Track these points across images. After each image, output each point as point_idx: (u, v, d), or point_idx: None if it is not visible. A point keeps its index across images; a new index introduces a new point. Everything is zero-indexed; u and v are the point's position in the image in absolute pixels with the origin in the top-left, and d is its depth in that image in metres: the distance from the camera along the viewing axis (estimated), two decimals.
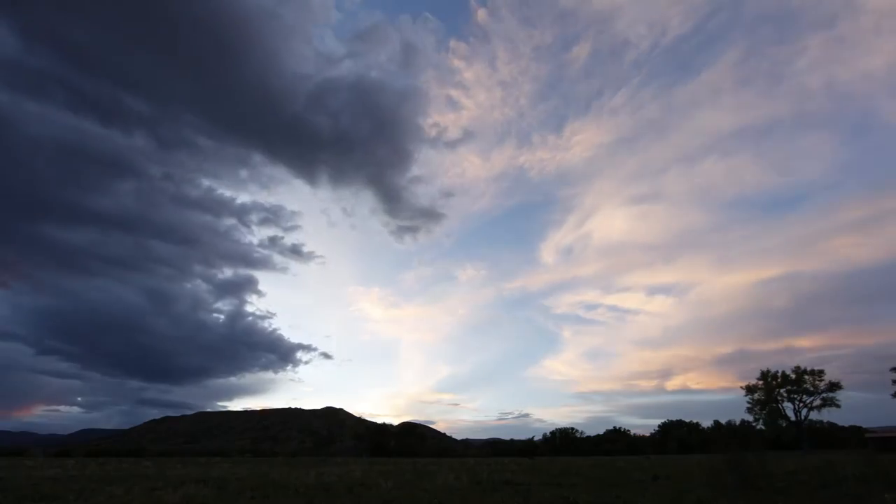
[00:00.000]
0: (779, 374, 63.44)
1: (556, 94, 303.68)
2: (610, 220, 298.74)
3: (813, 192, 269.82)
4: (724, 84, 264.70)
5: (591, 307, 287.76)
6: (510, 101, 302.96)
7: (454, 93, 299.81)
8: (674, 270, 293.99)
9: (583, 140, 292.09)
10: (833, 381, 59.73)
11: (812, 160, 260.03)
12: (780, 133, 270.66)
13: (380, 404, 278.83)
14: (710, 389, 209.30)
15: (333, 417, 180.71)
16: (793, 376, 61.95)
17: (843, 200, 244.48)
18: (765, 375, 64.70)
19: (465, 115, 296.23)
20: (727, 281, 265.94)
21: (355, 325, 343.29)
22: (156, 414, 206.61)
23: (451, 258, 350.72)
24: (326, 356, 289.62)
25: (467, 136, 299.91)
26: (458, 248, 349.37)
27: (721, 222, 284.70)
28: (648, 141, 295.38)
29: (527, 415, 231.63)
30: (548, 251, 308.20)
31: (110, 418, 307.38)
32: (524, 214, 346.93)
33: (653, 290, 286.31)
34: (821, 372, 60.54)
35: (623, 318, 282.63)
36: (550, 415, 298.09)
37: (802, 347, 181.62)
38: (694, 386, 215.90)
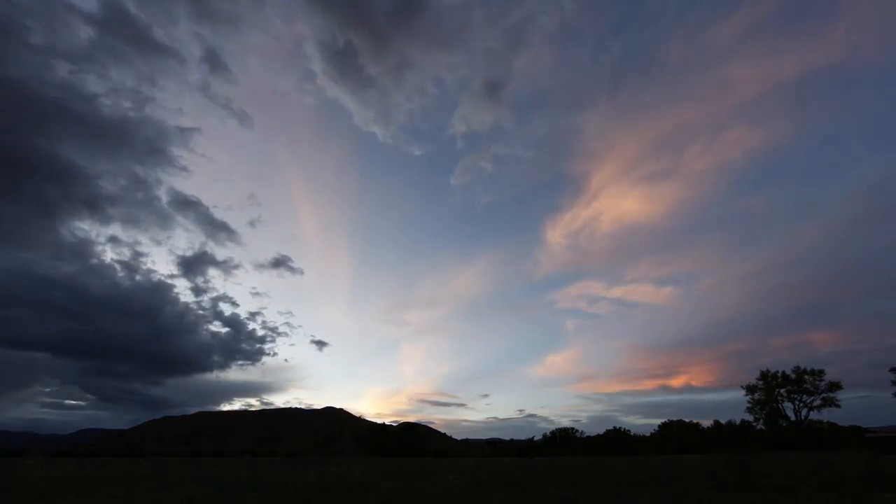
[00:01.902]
0: (779, 374, 63.43)
1: (618, 45, 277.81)
2: (623, 201, 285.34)
3: (852, 163, 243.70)
4: (763, 23, 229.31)
5: (597, 300, 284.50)
6: (565, 56, 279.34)
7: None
8: (685, 258, 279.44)
9: (624, 106, 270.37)
10: (833, 380, 59.75)
11: (857, 124, 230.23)
12: (822, 90, 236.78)
13: (380, 404, 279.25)
14: (712, 389, 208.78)
15: (333, 417, 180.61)
16: (793, 376, 61.94)
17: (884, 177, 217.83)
18: (765, 375, 64.69)
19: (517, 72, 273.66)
20: (741, 270, 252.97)
21: (356, 320, 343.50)
22: (155, 413, 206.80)
23: (465, 239, 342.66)
24: (321, 346, 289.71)
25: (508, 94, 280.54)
26: (475, 226, 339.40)
27: (743, 201, 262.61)
28: (682, 102, 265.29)
29: (527, 414, 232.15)
30: (555, 237, 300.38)
31: (111, 418, 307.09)
32: (547, 191, 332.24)
33: (662, 281, 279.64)
34: (821, 372, 60.52)
35: (628, 313, 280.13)
36: (551, 414, 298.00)
37: (817, 343, 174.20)
38: (697, 385, 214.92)
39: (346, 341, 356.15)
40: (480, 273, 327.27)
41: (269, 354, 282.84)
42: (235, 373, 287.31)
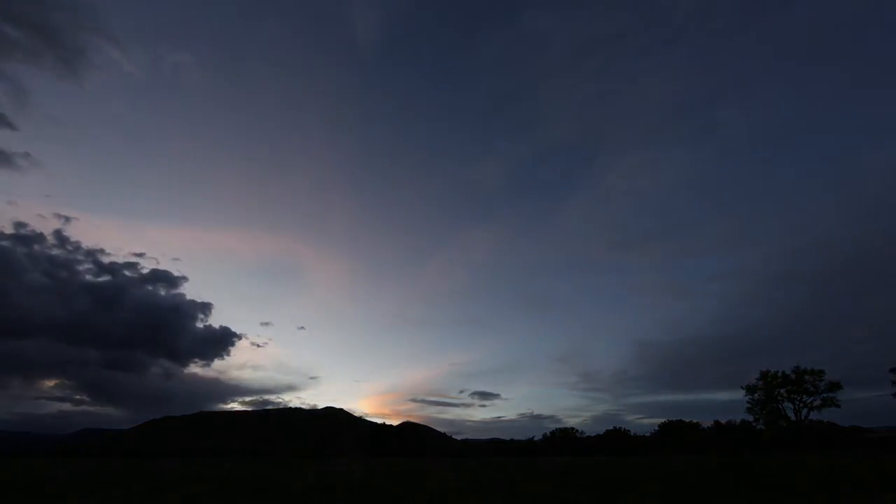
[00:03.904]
0: (779, 374, 63.47)
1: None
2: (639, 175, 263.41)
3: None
4: None
5: (602, 294, 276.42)
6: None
7: None
8: (698, 243, 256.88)
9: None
10: (833, 380, 59.77)
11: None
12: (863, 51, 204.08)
13: (380, 403, 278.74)
14: (712, 388, 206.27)
15: (333, 417, 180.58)
16: (793, 376, 61.99)
17: None
18: (765, 375, 64.73)
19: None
20: (753, 258, 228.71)
21: (357, 318, 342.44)
22: (156, 413, 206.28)
23: (477, 216, 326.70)
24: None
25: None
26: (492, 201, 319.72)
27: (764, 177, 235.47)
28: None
29: (533, 414, 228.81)
30: (565, 221, 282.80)
31: (112, 418, 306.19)
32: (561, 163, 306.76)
33: (671, 272, 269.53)
34: (821, 372, 60.52)
35: (633, 307, 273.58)
36: (556, 413, 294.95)
37: (827, 339, 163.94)
38: (696, 384, 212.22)
39: (347, 340, 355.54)
40: (482, 268, 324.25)
41: (266, 349, 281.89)
42: (232, 371, 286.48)
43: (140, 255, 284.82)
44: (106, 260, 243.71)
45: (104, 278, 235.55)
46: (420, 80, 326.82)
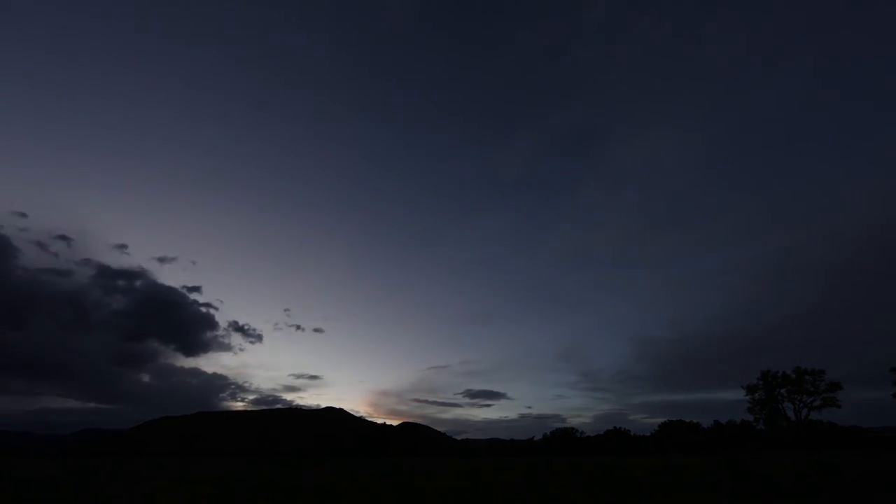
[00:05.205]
0: (779, 374, 63.50)
1: None
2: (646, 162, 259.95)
3: None
4: None
5: (606, 291, 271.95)
6: None
7: None
8: (705, 233, 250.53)
9: None
10: (833, 380, 59.80)
11: None
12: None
13: (381, 403, 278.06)
14: (713, 388, 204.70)
15: (333, 417, 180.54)
16: (793, 376, 62.01)
17: None
18: (765, 375, 64.77)
19: None
20: (759, 251, 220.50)
21: (357, 318, 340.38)
22: (155, 413, 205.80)
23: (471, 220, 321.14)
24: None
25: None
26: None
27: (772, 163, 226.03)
28: None
29: (529, 414, 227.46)
30: (572, 215, 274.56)
31: (112, 418, 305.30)
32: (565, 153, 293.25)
33: (678, 265, 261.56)
34: (821, 372, 60.56)
35: (636, 305, 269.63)
36: (554, 412, 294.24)
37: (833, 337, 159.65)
38: (697, 383, 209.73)
39: (346, 340, 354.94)
40: (484, 266, 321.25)
41: (266, 348, 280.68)
42: (235, 369, 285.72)
43: (138, 246, 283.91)
44: (107, 248, 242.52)
45: (106, 268, 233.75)
46: (442, 61, 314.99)
